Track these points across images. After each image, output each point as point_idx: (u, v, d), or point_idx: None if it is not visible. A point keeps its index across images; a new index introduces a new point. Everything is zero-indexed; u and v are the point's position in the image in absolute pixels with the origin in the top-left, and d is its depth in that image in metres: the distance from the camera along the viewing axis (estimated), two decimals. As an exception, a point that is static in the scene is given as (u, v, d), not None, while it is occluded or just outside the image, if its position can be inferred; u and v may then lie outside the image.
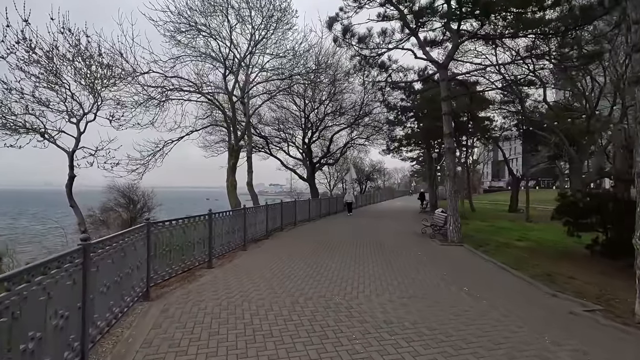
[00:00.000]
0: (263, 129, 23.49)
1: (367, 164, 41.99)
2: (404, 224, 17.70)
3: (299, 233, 13.74)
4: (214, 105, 13.78)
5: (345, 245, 10.59)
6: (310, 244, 10.81)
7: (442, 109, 10.73)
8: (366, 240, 11.79)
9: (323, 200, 21.80)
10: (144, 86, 11.72)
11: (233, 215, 9.20)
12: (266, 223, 12.10)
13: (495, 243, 11.33)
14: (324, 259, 8.47)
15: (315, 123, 23.00)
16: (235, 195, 13.56)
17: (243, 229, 9.86)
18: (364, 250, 9.76)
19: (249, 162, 16.54)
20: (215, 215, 8.03)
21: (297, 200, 16.55)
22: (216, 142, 21.30)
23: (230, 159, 13.38)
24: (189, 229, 6.98)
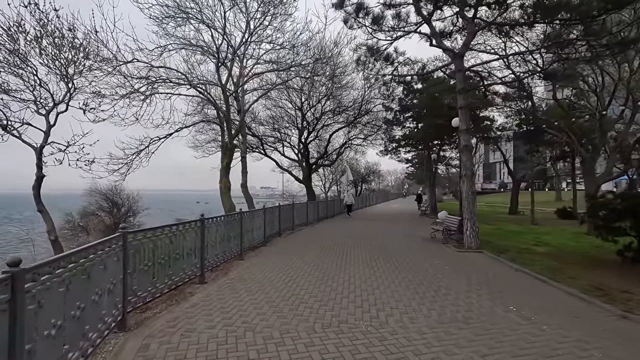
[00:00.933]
0: (257, 128, 22.37)
1: (363, 166, 41.08)
2: (409, 228, 16.73)
3: (298, 239, 12.64)
4: (205, 100, 12.62)
5: (353, 253, 9.53)
6: (313, 252, 9.72)
7: (457, 103, 9.79)
8: (374, 246, 10.75)
9: (321, 203, 20.73)
10: (127, 77, 10.54)
11: (228, 221, 8.06)
12: (264, 229, 10.97)
13: (515, 249, 10.40)
14: (332, 270, 7.40)
15: (312, 122, 21.95)
16: (230, 197, 12.40)
17: (239, 235, 8.72)
18: (375, 258, 8.71)
19: (243, 162, 15.39)
20: (208, 221, 6.89)
21: (295, 204, 15.45)
22: (207, 141, 20.10)
23: (223, 159, 12.22)
24: (177, 238, 5.83)
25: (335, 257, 8.97)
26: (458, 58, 9.75)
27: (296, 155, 25.31)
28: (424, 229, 16.27)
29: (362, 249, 10.17)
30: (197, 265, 6.40)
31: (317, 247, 10.54)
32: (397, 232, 15.08)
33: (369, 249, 10.29)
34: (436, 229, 12.83)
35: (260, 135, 21.84)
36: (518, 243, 11.99)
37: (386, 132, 25.95)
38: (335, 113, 21.15)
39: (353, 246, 10.77)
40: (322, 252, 9.65)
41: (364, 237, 12.88)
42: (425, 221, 20.95)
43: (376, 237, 12.95)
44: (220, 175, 12.21)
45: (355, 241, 11.86)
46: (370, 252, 9.63)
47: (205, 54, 11.93)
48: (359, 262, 8.35)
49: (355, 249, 10.29)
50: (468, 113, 10.12)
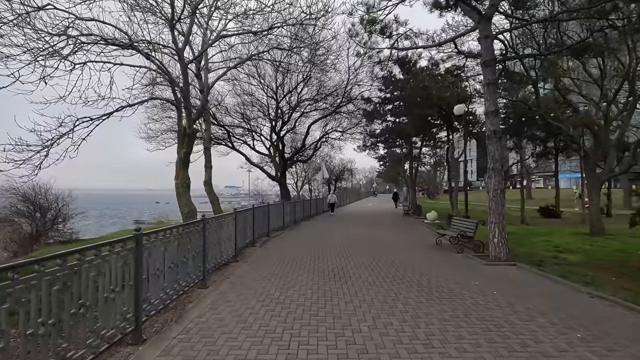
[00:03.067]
0: (224, 118, 19.39)
1: (337, 163, 38.96)
2: (402, 231, 14.72)
3: (278, 249, 10.13)
4: (157, 73, 9.69)
5: (354, 270, 7.21)
6: (301, 269, 7.29)
7: (484, 78, 7.80)
8: (377, 258, 8.50)
9: (298, 204, 18.26)
10: (37, 30, 7.47)
11: (185, 234, 5.42)
12: (235, 239, 8.36)
13: (542, 257, 8.58)
14: (338, 302, 5.03)
15: (287, 112, 19.35)
16: (189, 198, 9.62)
17: (202, 253, 6.10)
18: (389, 279, 6.44)
19: (207, 154, 12.58)
20: (149, 238, 4.25)
21: (270, 205, 12.88)
22: (163, 131, 16.96)
23: (180, 148, 9.40)
24: (83, 276, 3.18)
25: (334, 278, 6.60)
26: (485, 21, 7.74)
27: (267, 149, 22.60)
28: (419, 233, 14.37)
29: (368, 267, 7.87)
30: (127, 315, 3.75)
31: (305, 262, 8.11)
32: (393, 237, 12.98)
33: (372, 263, 8.02)
34: (442, 234, 10.85)
35: (227, 125, 18.86)
36: (536, 249, 10.28)
37: (366, 126, 23.98)
38: (315, 101, 18.69)
39: (350, 259, 8.44)
40: (314, 271, 7.24)
41: (358, 246, 10.61)
42: (412, 222, 19.18)
43: (373, 245, 10.74)
44: (177, 169, 9.39)
45: (351, 251, 9.56)
46: (377, 269, 7.35)
47: (149, 11, 9.01)
48: (370, 286, 6.04)
49: (354, 263, 7.97)
50: (495, 90, 8.13)
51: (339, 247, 10.39)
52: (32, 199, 12.53)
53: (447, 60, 11.39)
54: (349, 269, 7.39)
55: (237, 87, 18.24)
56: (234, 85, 17.78)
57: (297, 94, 18.73)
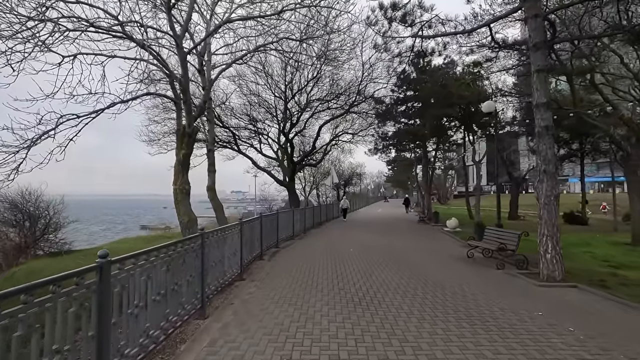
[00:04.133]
0: (229, 120, 18.34)
1: (347, 167, 37.75)
2: (426, 242, 13.43)
3: (289, 263, 8.95)
4: (153, 65, 8.64)
5: (387, 296, 5.99)
6: (321, 294, 6.10)
7: (533, 64, 6.59)
8: (405, 276, 7.27)
9: (308, 210, 17.09)
10: (18, 15, 6.47)
11: (177, 255, 4.27)
12: (240, 254, 7.20)
13: (610, 278, 7.28)
14: (377, 351, 3.82)
15: (296, 112, 18.25)
16: (188, 206, 8.50)
17: (200, 275, 4.95)
18: (429, 309, 5.22)
19: (210, 157, 11.49)
20: (122, 267, 3.11)
21: (279, 212, 11.74)
22: (164, 133, 15.98)
23: (179, 149, 8.30)
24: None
25: (361, 305, 5.40)
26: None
27: (275, 153, 21.51)
28: (442, 242, 13.11)
29: (393, 285, 6.66)
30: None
31: (322, 281, 6.92)
32: (415, 247, 11.74)
33: (401, 282, 6.80)
34: (474, 246, 9.59)
35: (232, 126, 17.80)
36: (585, 263, 8.98)
37: (378, 128, 22.79)
38: (326, 101, 17.52)
39: (374, 276, 7.23)
40: (334, 293, 6.04)
41: (379, 258, 9.39)
42: (430, 230, 17.88)
43: (395, 257, 9.51)
44: (175, 173, 8.29)
45: (372, 266, 8.35)
46: (409, 291, 6.12)
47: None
48: (407, 317, 4.83)
49: (380, 282, 6.75)
50: (547, 78, 6.92)
51: (358, 260, 9.19)
52: (20, 207, 11.54)
53: (476, 50, 10.16)
54: (375, 291, 6.18)
55: (243, 87, 17.24)
56: (240, 85, 16.78)
57: (306, 93, 17.64)
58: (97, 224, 51.78)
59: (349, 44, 11.94)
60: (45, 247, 11.80)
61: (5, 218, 11.52)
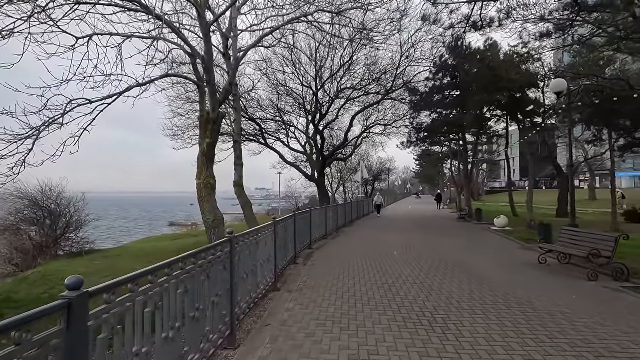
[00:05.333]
0: (255, 113, 17.34)
1: (375, 162, 36.16)
2: (478, 244, 11.88)
3: (328, 267, 7.76)
4: (174, 44, 7.66)
5: (460, 317, 4.68)
6: (376, 311, 4.88)
7: None
8: (473, 289, 5.91)
9: (340, 207, 15.88)
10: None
11: (198, 271, 3.14)
12: (275, 260, 6.08)
13: None
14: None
15: (326, 102, 17.01)
16: (214, 202, 7.47)
17: (228, 293, 3.84)
18: (520, 340, 3.87)
19: (237, 149, 10.46)
20: (109, 301, 1.98)
21: (312, 210, 10.59)
22: (188, 126, 15.19)
23: (202, 138, 7.29)
24: None
25: (434, 331, 4.12)
26: None
27: (303, 147, 20.38)
28: (495, 244, 11.53)
29: (461, 302, 5.33)
30: None
31: (372, 293, 5.68)
32: (466, 250, 10.27)
33: (471, 297, 5.45)
34: (547, 250, 8.05)
35: (259, 118, 16.76)
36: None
37: (412, 119, 21.18)
38: (361, 87, 16.08)
39: (433, 290, 5.92)
40: (392, 310, 4.80)
41: (432, 264, 8.04)
42: (474, 229, 16.20)
43: (450, 262, 8.12)
44: (198, 166, 7.29)
45: (426, 274, 7.03)
46: (486, 310, 4.77)
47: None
48: (498, 353, 3.51)
49: (444, 297, 5.43)
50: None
51: (406, 265, 7.87)
52: (40, 204, 10.99)
53: (548, 17, 8.49)
54: (445, 310, 4.88)
55: (270, 75, 16.15)
56: (267, 74, 15.70)
57: (337, 81, 16.35)
58: (124, 221, 52.84)
59: (388, 19, 10.51)
60: (66, 247, 11.27)
61: (25, 216, 11.03)
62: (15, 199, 10.90)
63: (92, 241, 11.94)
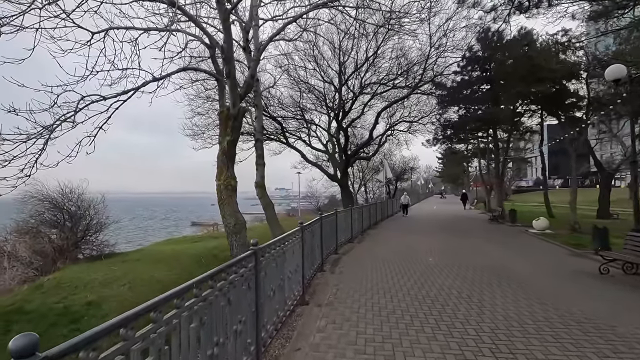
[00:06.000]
0: (276, 111, 16.81)
1: (398, 161, 35.06)
2: (517, 248, 10.86)
3: (358, 276, 7.07)
4: (191, 35, 7.16)
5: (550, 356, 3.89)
6: (424, 337, 4.14)
7: None
8: (538, 307, 5.08)
9: (365, 208, 15.12)
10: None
11: (220, 294, 2.52)
12: (302, 271, 5.44)
13: None
14: None
15: (350, 99, 16.28)
16: (235, 205, 6.91)
17: (253, 316, 3.21)
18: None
19: (258, 148, 9.91)
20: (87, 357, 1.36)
21: (337, 212, 9.90)
22: (208, 125, 14.82)
23: (222, 136, 6.75)
24: None
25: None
26: None
27: (324, 145, 19.72)
28: (540, 249, 10.43)
29: (533, 328, 4.52)
30: None
31: (417, 311, 4.95)
32: (511, 256, 9.32)
33: (543, 319, 4.63)
34: (610, 259, 7.06)
35: (280, 116, 16.19)
36: None
37: (439, 115, 20.13)
38: (389, 80, 15.22)
39: (484, 306, 5.12)
40: (449, 334, 4.06)
41: (474, 273, 7.20)
42: (511, 231, 15.05)
43: (494, 270, 7.26)
44: (218, 165, 6.76)
45: (470, 286, 6.22)
46: (572, 340, 3.96)
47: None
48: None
49: (508, 317, 4.64)
50: None
51: (446, 275, 7.07)
52: (60, 206, 10.79)
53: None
54: (506, 335, 4.10)
55: (291, 71, 15.56)
56: (287, 69, 15.11)
57: (360, 77, 15.58)
58: (151, 221, 53.76)
59: (419, 3, 9.64)
60: (86, 250, 11.04)
61: (46, 219, 10.86)
62: (36, 201, 10.76)
63: (112, 244, 11.69)
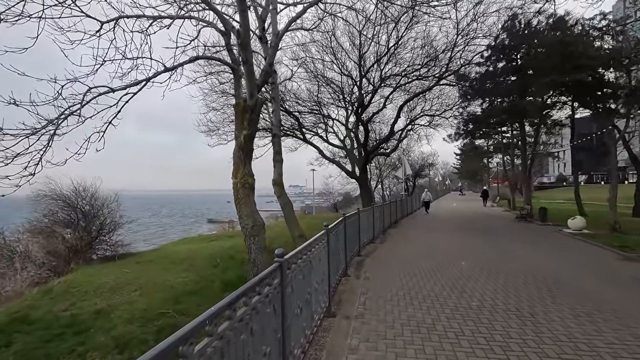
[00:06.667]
0: (292, 106, 16.24)
1: (417, 157, 34.07)
2: (556, 250, 9.98)
3: (389, 286, 6.45)
4: (204, 22, 6.65)
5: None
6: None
7: None
8: (606, 325, 4.37)
9: (385, 207, 14.43)
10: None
11: (242, 324, 1.97)
12: (328, 277, 4.87)
13: None
14: None
15: (369, 92, 15.54)
16: (253, 205, 6.39)
17: (279, 343, 2.64)
18: None
19: (275, 143, 9.39)
20: None
21: (360, 211, 9.27)
22: (224, 121, 14.39)
23: (239, 130, 6.23)
24: None
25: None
26: None
27: (342, 142, 19.07)
28: (581, 251, 9.45)
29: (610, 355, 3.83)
30: None
31: (463, 327, 4.32)
32: (553, 259, 8.50)
33: (618, 341, 3.93)
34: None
35: (297, 111, 15.59)
36: None
37: (462, 108, 19.16)
38: (414, 69, 14.33)
39: (544, 321, 4.43)
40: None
41: (519, 283, 6.48)
42: (543, 231, 14.07)
43: (537, 276, 6.51)
44: (235, 162, 6.25)
45: (526, 301, 5.52)
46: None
47: None
48: None
49: (566, 335, 3.96)
50: None
51: (482, 281, 6.38)
52: (74, 204, 10.51)
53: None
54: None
55: (308, 64, 14.94)
56: (304, 62, 14.49)
57: (380, 70, 14.82)
58: (169, 218, 54.35)
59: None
60: (99, 250, 10.78)
61: (59, 218, 10.62)
62: (49, 199, 10.54)
63: (127, 244, 11.40)
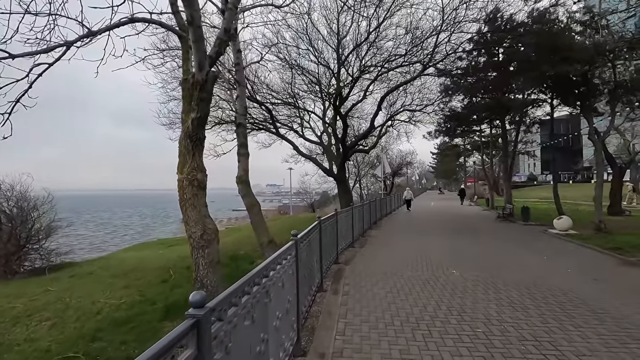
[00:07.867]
0: (265, 98, 14.86)
1: (395, 155, 33.40)
2: (546, 253, 9.17)
3: (375, 306, 5.34)
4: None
5: None
6: None
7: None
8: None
9: (365, 207, 13.36)
10: None
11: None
12: (297, 306, 3.66)
13: None
14: None
15: (348, 84, 14.44)
16: (204, 207, 5.07)
17: None
18: None
19: (240, 134, 8.06)
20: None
21: (338, 213, 8.12)
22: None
23: (186, 113, 4.91)
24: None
25: None
26: None
27: (319, 137, 17.91)
28: (573, 255, 8.64)
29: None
30: None
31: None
32: (546, 265, 7.68)
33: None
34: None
35: (268, 102, 14.23)
36: None
37: (443, 104, 18.43)
38: (399, 55, 13.22)
39: (557, 344, 3.44)
40: None
41: (517, 294, 5.51)
42: (528, 232, 13.44)
43: (535, 285, 5.58)
44: (180, 153, 4.94)
45: (548, 327, 4.54)
46: None
47: None
48: None
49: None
50: None
51: (482, 295, 5.37)
52: (3, 205, 8.72)
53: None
54: None
55: (282, 51, 13.63)
56: (276, 45, 13.11)
57: (360, 58, 13.75)
58: (148, 218, 50.99)
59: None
60: (26, 262, 9.03)
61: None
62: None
63: (65, 252, 9.73)
